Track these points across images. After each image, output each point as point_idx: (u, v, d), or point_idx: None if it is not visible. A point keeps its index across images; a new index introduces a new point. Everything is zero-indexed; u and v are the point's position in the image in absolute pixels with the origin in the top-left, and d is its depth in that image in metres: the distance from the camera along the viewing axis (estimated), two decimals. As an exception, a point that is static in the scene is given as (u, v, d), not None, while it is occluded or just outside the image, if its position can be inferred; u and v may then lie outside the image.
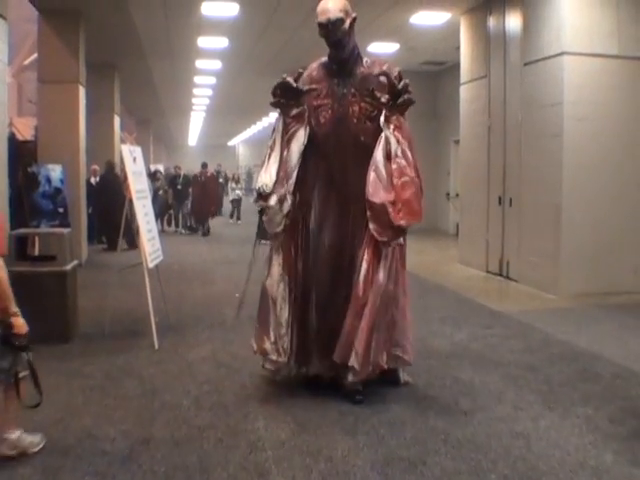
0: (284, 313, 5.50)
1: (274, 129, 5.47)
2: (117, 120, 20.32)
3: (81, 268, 9.57)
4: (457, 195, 16.48)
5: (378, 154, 5.11)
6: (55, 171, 12.49)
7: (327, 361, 5.41)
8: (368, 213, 5.13)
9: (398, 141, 5.10)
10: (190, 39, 16.11)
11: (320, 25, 5.07)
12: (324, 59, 5.40)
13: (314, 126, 5.38)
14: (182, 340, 7.50)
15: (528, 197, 11.14)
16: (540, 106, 10.72)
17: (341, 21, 5.05)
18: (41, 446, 4.45)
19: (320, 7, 5.07)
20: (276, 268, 5.50)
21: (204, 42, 16.41)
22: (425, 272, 11.91)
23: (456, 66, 14.53)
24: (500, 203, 12.11)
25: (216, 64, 19.42)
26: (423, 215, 5.24)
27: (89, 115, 15.06)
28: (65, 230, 7.99)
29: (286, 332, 5.49)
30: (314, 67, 5.46)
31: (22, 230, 8.24)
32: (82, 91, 13.89)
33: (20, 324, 4.29)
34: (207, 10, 13.22)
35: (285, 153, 5.37)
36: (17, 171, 11.62)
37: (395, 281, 5.32)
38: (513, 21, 11.71)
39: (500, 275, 12.06)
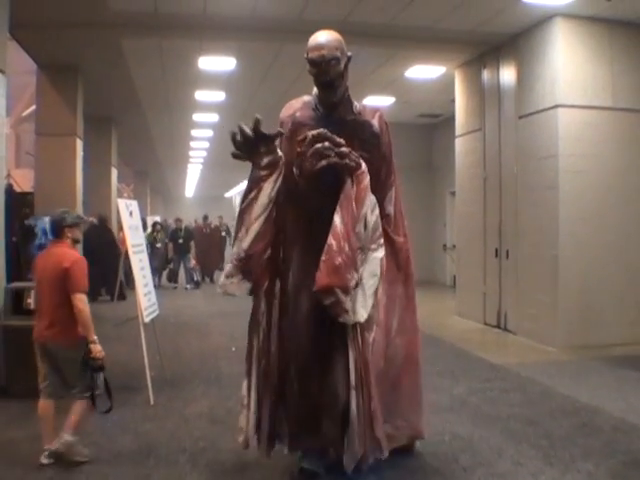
0: (253, 385, 4.76)
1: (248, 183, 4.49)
2: (114, 172, 20.39)
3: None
4: (454, 246, 16.49)
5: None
6: (52, 223, 12.44)
7: (310, 437, 4.70)
8: None
9: (340, 204, 4.36)
10: (187, 93, 16.25)
11: (312, 62, 4.19)
12: (307, 98, 4.53)
13: (297, 176, 4.38)
14: (178, 395, 7.42)
15: (525, 249, 11.15)
16: (535, 158, 10.80)
17: (337, 61, 4.17)
18: (86, 459, 5.32)
19: (313, 41, 4.20)
20: (254, 337, 4.71)
21: (201, 95, 16.55)
22: (422, 324, 11.68)
23: (452, 118, 14.66)
24: (497, 255, 12.12)
25: (213, 117, 19.57)
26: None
27: (86, 167, 15.13)
28: (61, 284, 7.93)
29: (255, 408, 4.75)
30: (297, 107, 4.56)
31: (18, 283, 8.19)
32: (79, 144, 13.97)
33: (97, 350, 5.27)
34: (204, 64, 13.35)
35: (250, 208, 4.40)
36: (14, 223, 11.61)
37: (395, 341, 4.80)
38: (507, 74, 11.84)
39: (498, 327, 12.00)
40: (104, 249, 15.24)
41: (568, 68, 10.32)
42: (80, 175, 14.00)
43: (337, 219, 4.14)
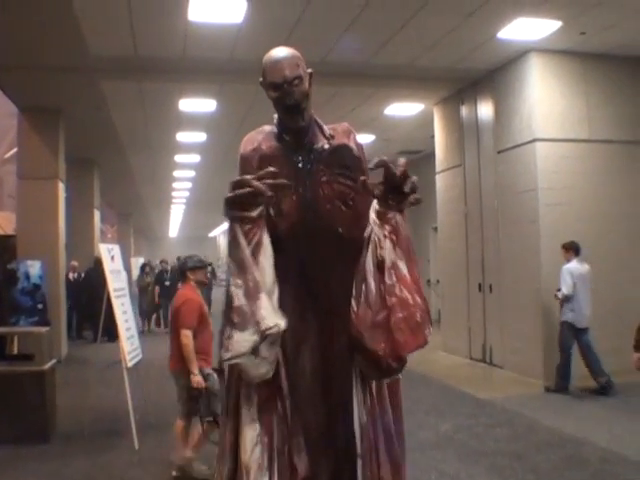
0: None
1: (229, 242, 3.41)
2: (97, 214, 20.38)
3: (60, 365, 9.45)
4: (438, 282, 16.54)
5: (368, 261, 3.33)
6: (34, 267, 12.43)
7: None
8: (353, 340, 3.28)
9: (394, 247, 3.34)
10: (169, 134, 16.32)
11: (272, 86, 3.43)
12: (269, 127, 3.71)
13: (275, 217, 3.46)
14: (163, 439, 7.35)
15: (508, 283, 11.20)
16: (515, 193, 10.89)
17: (300, 79, 3.42)
18: (206, 477, 5.88)
19: (270, 61, 3.46)
20: (248, 424, 3.44)
21: (182, 137, 16.63)
22: (408, 361, 11.78)
23: (432, 154, 14.77)
24: (480, 289, 12.16)
25: (195, 158, 19.65)
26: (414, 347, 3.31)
27: (69, 210, 15.12)
28: (44, 329, 7.93)
29: None
30: (260, 139, 3.64)
31: (1, 328, 8.15)
32: (62, 187, 13.98)
33: (195, 381, 5.92)
34: (185, 106, 13.43)
35: (263, 272, 3.33)
36: (-3, 266, 11.58)
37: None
38: (485, 110, 11.98)
39: (484, 361, 12.00)
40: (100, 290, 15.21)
41: (544, 102, 10.48)
42: (63, 218, 14.00)
43: (402, 265, 3.30)
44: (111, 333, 12.36)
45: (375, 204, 3.25)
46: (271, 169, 3.20)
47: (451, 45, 10.24)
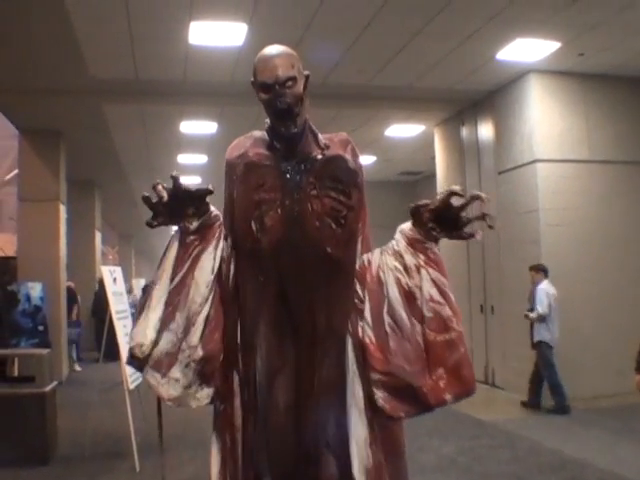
0: None
1: (164, 252, 3.09)
2: (98, 236, 20.39)
3: (61, 386, 9.43)
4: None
5: (392, 290, 2.98)
6: (35, 289, 12.44)
7: None
8: (375, 376, 2.87)
9: (433, 279, 3.08)
10: (170, 156, 16.37)
11: (263, 86, 3.04)
12: (259, 133, 3.31)
13: (257, 232, 3.02)
14: (164, 461, 7.32)
15: (510, 304, 11.18)
16: (516, 213, 10.90)
17: (293, 81, 3.02)
18: None
19: (262, 60, 3.09)
20: (215, 462, 3.04)
21: (184, 159, 16.69)
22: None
23: (433, 175, 14.80)
24: (482, 311, 12.14)
25: (196, 179, 19.67)
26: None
27: (70, 231, 15.14)
28: (45, 351, 7.91)
29: None
30: (248, 145, 3.24)
31: (1, 351, 8.13)
32: (62, 209, 14.00)
33: None
34: (186, 128, 13.48)
35: (186, 289, 2.98)
36: (-3, 288, 11.59)
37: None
38: (485, 131, 12.02)
39: (486, 383, 11.95)
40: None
41: (544, 123, 10.52)
42: (64, 240, 14.02)
43: (441, 298, 3.04)
44: (113, 354, 12.36)
45: (408, 229, 3.03)
46: (209, 188, 2.97)
47: (450, 67, 10.29)
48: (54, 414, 7.59)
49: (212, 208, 3.10)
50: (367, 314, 2.94)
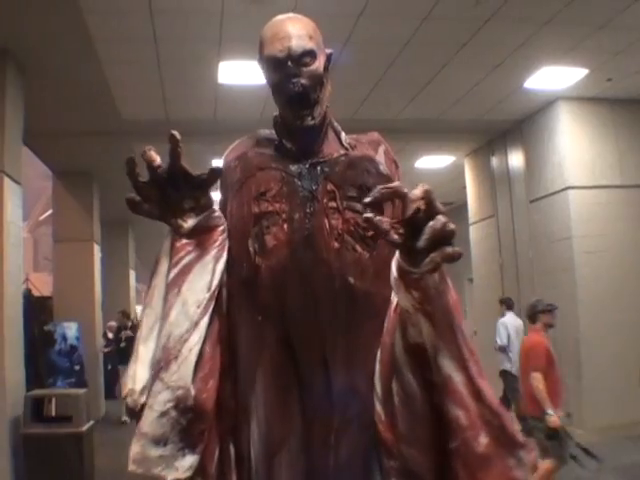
0: None
1: (155, 264, 2.27)
2: (132, 274, 20.54)
3: (98, 425, 9.44)
4: (475, 333, 16.37)
5: (398, 344, 1.92)
6: (71, 329, 12.52)
7: None
8: (387, 463, 1.95)
9: (432, 326, 1.86)
10: (201, 193, 16.50)
11: (271, 61, 2.21)
12: (265, 132, 2.46)
13: (257, 254, 2.15)
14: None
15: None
16: (549, 241, 10.82)
17: (311, 56, 2.21)
18: None
19: (271, 28, 2.24)
20: None
21: (216, 196, 16.80)
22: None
23: (464, 206, 14.77)
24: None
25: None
26: None
27: (104, 271, 15.28)
28: (81, 390, 7.97)
29: None
30: (249, 145, 2.46)
31: (38, 391, 8.19)
32: (97, 248, 14.16)
33: (552, 420, 6.23)
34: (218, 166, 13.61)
35: (168, 306, 2.04)
36: (33, 328, 11.68)
37: None
38: (515, 160, 11.99)
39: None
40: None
41: (574, 150, 10.47)
42: (99, 279, 14.15)
43: (446, 353, 1.83)
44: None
45: (397, 254, 1.77)
46: (216, 168, 2.06)
47: (479, 97, 10.31)
48: (91, 453, 7.62)
49: (216, 207, 2.24)
50: (377, 377, 1.98)
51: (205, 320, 2.01)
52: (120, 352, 14.78)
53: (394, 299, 1.93)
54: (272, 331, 2.10)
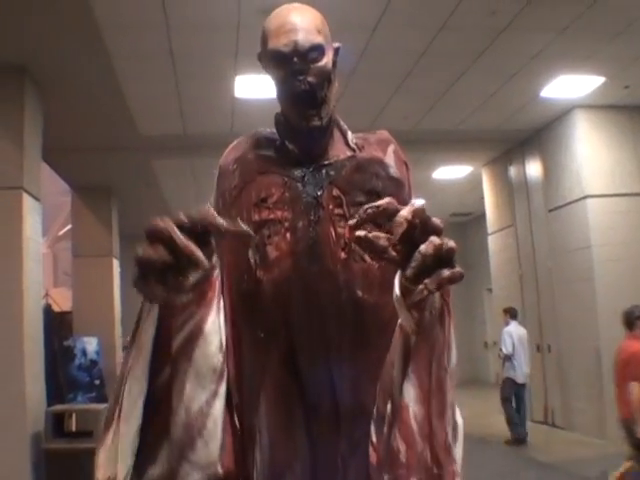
0: None
1: (137, 319, 1.73)
2: (151, 289, 20.58)
3: (118, 441, 9.45)
4: (494, 343, 16.31)
5: (397, 365, 1.69)
6: (91, 343, 12.58)
7: None
8: None
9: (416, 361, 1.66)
10: (220, 207, 16.55)
11: (275, 57, 2.00)
12: (265, 131, 2.25)
13: (258, 267, 1.94)
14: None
15: (566, 342, 11.00)
16: (568, 251, 10.76)
17: (319, 52, 1.99)
18: None
19: (275, 20, 2.03)
20: None
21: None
22: (467, 425, 11.55)
23: (482, 216, 14.75)
24: (539, 350, 11.95)
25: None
26: None
27: (123, 285, 15.33)
28: (101, 406, 7.98)
29: None
30: (247, 146, 2.22)
31: (58, 406, 8.22)
32: (116, 264, 14.22)
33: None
34: (236, 180, 13.65)
35: (180, 384, 1.67)
36: (53, 342, 11.72)
37: None
38: (533, 169, 11.95)
39: (545, 423, 11.72)
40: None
41: (592, 158, 10.42)
42: (118, 294, 14.20)
43: (412, 403, 1.66)
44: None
45: (398, 283, 1.55)
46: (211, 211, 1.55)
47: (495, 107, 10.29)
48: (113, 468, 7.62)
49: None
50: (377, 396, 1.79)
51: (223, 386, 1.77)
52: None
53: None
54: (275, 349, 1.92)
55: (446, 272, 1.45)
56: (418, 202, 1.52)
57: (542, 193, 11.65)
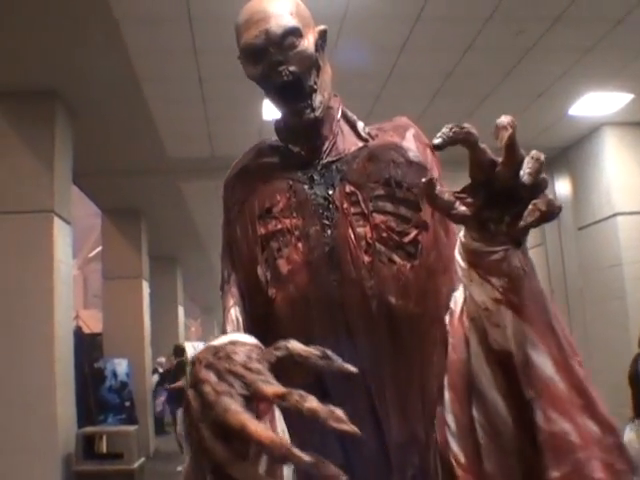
0: None
1: None
2: (181, 310, 20.68)
3: (149, 461, 9.48)
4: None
5: (477, 359, 1.44)
6: (121, 365, 12.65)
7: None
8: None
9: (522, 321, 1.35)
10: (248, 229, 16.59)
11: (249, 53, 1.74)
12: (269, 141, 2.01)
13: (269, 282, 1.66)
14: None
15: (598, 362, 10.85)
16: (599, 269, 10.66)
17: (296, 36, 1.71)
18: None
19: (246, 13, 1.73)
20: None
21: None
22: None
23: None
24: (570, 370, 11.83)
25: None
26: None
27: (153, 307, 15.42)
28: (132, 427, 8.03)
29: None
30: (251, 155, 2.03)
31: (89, 428, 8.26)
32: (146, 285, 14.31)
33: None
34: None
35: None
36: (84, 364, 11.81)
37: None
38: (562, 187, 11.87)
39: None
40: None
41: (622, 175, 10.34)
42: (148, 316, 14.28)
43: (542, 358, 1.40)
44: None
45: (462, 237, 1.39)
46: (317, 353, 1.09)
47: (523, 126, 10.11)
48: (143, 490, 7.66)
49: None
50: (448, 409, 1.51)
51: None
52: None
53: (448, 316, 1.59)
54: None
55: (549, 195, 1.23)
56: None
57: (571, 211, 11.56)
